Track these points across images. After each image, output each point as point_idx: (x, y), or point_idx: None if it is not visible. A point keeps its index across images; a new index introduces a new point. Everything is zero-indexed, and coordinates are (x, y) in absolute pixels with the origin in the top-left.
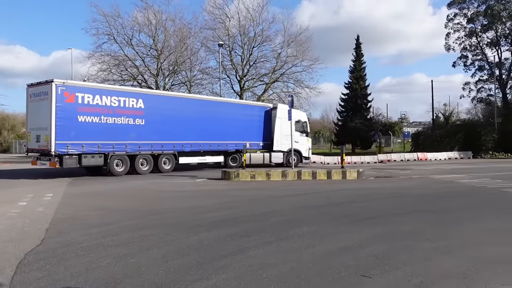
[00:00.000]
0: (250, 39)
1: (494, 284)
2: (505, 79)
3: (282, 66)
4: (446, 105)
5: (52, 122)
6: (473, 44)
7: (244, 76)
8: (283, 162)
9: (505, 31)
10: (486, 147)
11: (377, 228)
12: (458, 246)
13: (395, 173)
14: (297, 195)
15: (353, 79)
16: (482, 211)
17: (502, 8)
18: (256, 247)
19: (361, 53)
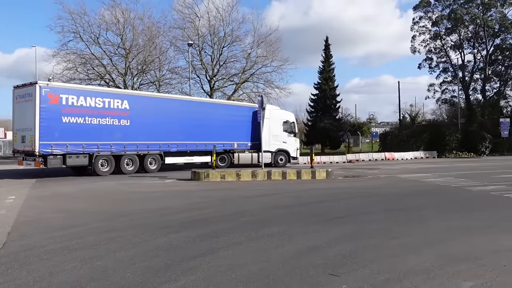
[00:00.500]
0: (220, 39)
1: (457, 280)
2: (467, 81)
3: (252, 66)
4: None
5: (36, 123)
6: (438, 47)
7: (214, 76)
8: (272, 162)
9: (468, 34)
10: (450, 147)
11: (346, 227)
12: (423, 244)
13: (363, 172)
14: (267, 195)
15: (322, 80)
16: (446, 209)
17: (465, 12)
18: (225, 247)
19: (330, 54)
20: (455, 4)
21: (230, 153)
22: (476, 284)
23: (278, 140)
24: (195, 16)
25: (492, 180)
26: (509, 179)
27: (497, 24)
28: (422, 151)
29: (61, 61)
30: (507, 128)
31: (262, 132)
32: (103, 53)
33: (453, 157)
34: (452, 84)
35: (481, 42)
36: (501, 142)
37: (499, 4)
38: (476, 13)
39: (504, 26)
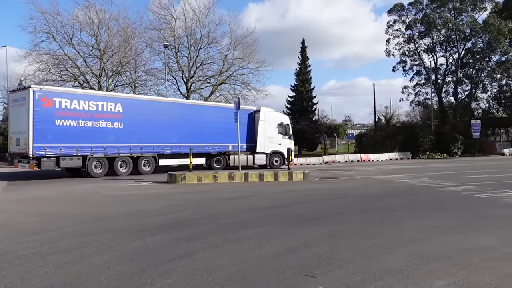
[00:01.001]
0: (196, 41)
1: (430, 279)
2: (440, 83)
3: (229, 68)
4: (387, 108)
5: (30, 126)
6: (411, 50)
7: (190, 77)
8: (267, 163)
9: (440, 38)
10: (423, 148)
11: (322, 228)
12: (398, 243)
13: (339, 174)
14: (244, 197)
15: (299, 82)
16: (420, 209)
17: (437, 17)
18: (202, 250)
19: (307, 57)
20: (428, 8)
21: (225, 155)
22: (449, 282)
23: (273, 142)
24: (171, 18)
25: (464, 180)
26: (480, 179)
27: (468, 28)
28: (397, 152)
29: (33, 62)
30: (478, 129)
31: (258, 134)
32: (77, 54)
33: (427, 158)
34: (425, 86)
35: (453, 45)
36: (472, 143)
37: (470, 9)
38: (448, 18)
39: (474, 30)
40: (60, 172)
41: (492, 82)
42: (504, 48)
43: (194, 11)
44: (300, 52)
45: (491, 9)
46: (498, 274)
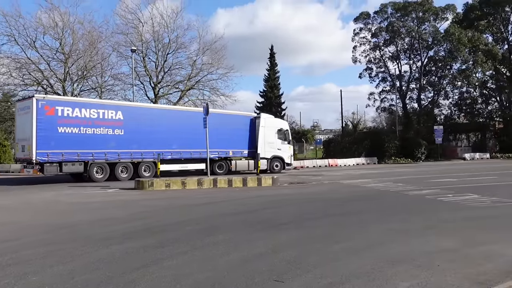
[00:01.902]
0: (164, 46)
1: (395, 281)
2: (404, 90)
3: (198, 73)
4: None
5: (33, 133)
6: (377, 57)
7: (158, 83)
8: (267, 168)
9: (404, 46)
10: (389, 153)
11: (290, 233)
12: (364, 247)
13: (307, 179)
14: (213, 203)
15: (268, 88)
16: (386, 213)
17: (401, 25)
18: (170, 257)
19: (275, 63)
20: (392, 17)
21: (227, 160)
22: (412, 284)
23: (273, 147)
24: (138, 22)
25: (427, 184)
26: (443, 183)
27: (430, 37)
28: (364, 157)
29: None
30: (441, 135)
31: (259, 140)
32: (40, 57)
33: (392, 163)
34: (391, 93)
35: (416, 53)
36: (435, 148)
37: (432, 18)
38: (411, 26)
39: (436, 39)
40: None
41: (453, 89)
42: (464, 56)
43: (162, 16)
44: (269, 58)
45: (452, 19)
46: (459, 275)
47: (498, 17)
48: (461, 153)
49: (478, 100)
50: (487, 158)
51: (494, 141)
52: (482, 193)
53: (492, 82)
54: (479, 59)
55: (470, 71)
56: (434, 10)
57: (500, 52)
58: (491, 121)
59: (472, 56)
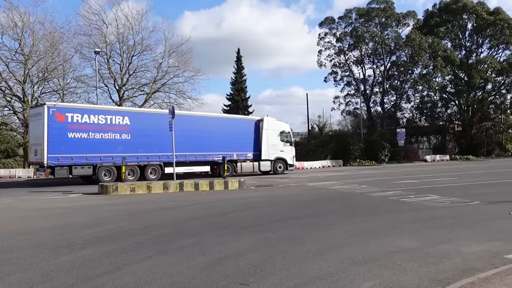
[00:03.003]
0: (129, 48)
1: (358, 281)
2: (368, 94)
3: (164, 76)
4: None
5: (45, 139)
6: (342, 62)
7: (123, 85)
8: (271, 170)
9: (368, 51)
10: (354, 156)
11: (256, 236)
12: (329, 248)
13: (274, 181)
14: (179, 207)
15: (235, 91)
16: (350, 215)
17: (365, 30)
18: (134, 263)
19: (242, 66)
20: (356, 22)
21: (233, 162)
22: (375, 283)
23: (276, 149)
24: (102, 23)
25: (390, 186)
26: (405, 184)
27: (393, 43)
28: (329, 160)
29: None
30: (403, 137)
31: (262, 142)
32: None
33: (357, 165)
34: (355, 96)
35: (379, 58)
36: (398, 151)
37: (394, 24)
38: (375, 32)
39: (398, 44)
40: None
41: (415, 93)
42: (424, 61)
43: (127, 18)
44: (236, 61)
45: (413, 25)
46: (420, 274)
47: (456, 24)
48: (422, 155)
49: (438, 103)
50: (447, 159)
51: (453, 143)
52: (442, 194)
53: (451, 87)
54: (439, 64)
55: (431, 75)
56: (396, 16)
57: (458, 57)
58: (451, 124)
59: (432, 61)
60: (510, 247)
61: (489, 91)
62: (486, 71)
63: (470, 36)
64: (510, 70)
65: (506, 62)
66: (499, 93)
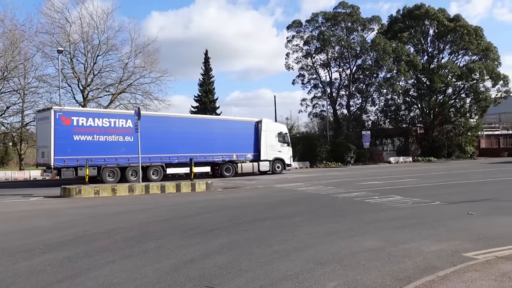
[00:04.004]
0: (94, 47)
1: (323, 281)
2: (335, 96)
3: (130, 76)
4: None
5: (52, 141)
6: (309, 64)
7: (87, 85)
8: (270, 170)
9: (335, 54)
10: (321, 157)
11: (223, 238)
12: (295, 249)
13: (242, 183)
14: (145, 209)
15: (202, 93)
16: (316, 216)
17: (331, 34)
18: (97, 268)
19: (210, 67)
20: (323, 26)
21: (234, 163)
22: (339, 283)
23: (274, 150)
24: (65, 22)
25: (356, 187)
26: (370, 186)
27: (358, 47)
28: (297, 161)
29: None
30: (368, 139)
31: (261, 143)
32: None
33: (323, 166)
34: (322, 99)
35: (345, 62)
36: (363, 152)
37: (360, 29)
38: (341, 36)
39: (364, 48)
40: None
41: (379, 96)
42: (389, 65)
43: (92, 16)
44: (203, 63)
45: (377, 30)
46: (382, 273)
47: (418, 29)
48: (386, 157)
49: (402, 106)
50: (410, 161)
51: (416, 145)
52: (405, 195)
53: (414, 90)
54: (402, 68)
55: (394, 79)
56: (361, 21)
57: (421, 62)
58: (413, 126)
59: (396, 66)
60: (468, 245)
61: (450, 95)
62: (447, 76)
63: (432, 42)
64: (469, 75)
65: (466, 67)
66: (459, 97)
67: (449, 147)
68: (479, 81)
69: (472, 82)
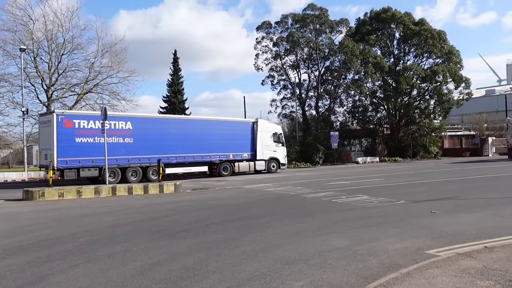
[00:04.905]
0: (58, 46)
1: (290, 281)
2: (304, 97)
3: (96, 76)
4: None
5: (54, 144)
6: (278, 66)
7: (52, 85)
8: (265, 169)
9: (304, 56)
10: (290, 158)
11: (191, 240)
12: (263, 250)
13: (211, 185)
14: (111, 212)
15: (171, 93)
16: (284, 216)
17: (300, 36)
18: (59, 272)
19: (179, 68)
20: (292, 28)
21: (231, 162)
22: (306, 283)
23: (270, 150)
24: (28, 19)
25: (324, 187)
26: (337, 186)
27: (326, 48)
28: None
29: None
30: (336, 140)
31: (257, 143)
32: None
33: (293, 167)
34: (291, 100)
35: (314, 63)
36: (331, 153)
37: (328, 31)
38: (310, 38)
39: (332, 50)
40: None
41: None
42: (356, 67)
43: (56, 14)
44: (172, 63)
45: (345, 32)
46: (348, 271)
47: (385, 32)
48: (354, 157)
49: (369, 108)
50: (377, 161)
51: (382, 145)
52: (371, 194)
53: (380, 92)
54: (369, 70)
55: (362, 81)
56: (330, 23)
57: (387, 64)
58: (380, 127)
59: (363, 68)
60: (431, 243)
61: (415, 97)
62: (412, 78)
63: (398, 45)
64: (433, 78)
65: (430, 70)
66: (423, 98)
67: (414, 148)
68: (442, 83)
69: (436, 84)
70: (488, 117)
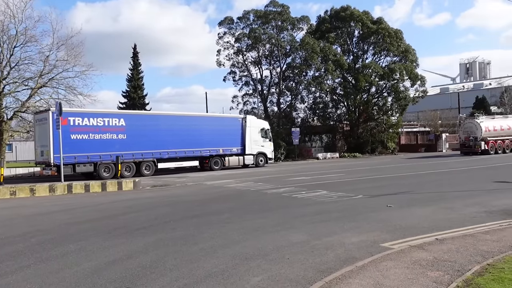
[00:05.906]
0: (10, 38)
1: (248, 277)
2: (266, 94)
3: (51, 70)
4: None
5: (50, 141)
6: (240, 62)
7: (3, 78)
8: (253, 163)
9: (265, 52)
10: None
11: (149, 238)
12: (221, 246)
13: (171, 181)
14: (66, 210)
15: (131, 88)
16: (245, 212)
17: (262, 32)
18: (8, 273)
19: (139, 62)
20: (254, 24)
21: (221, 157)
22: (263, 278)
23: (258, 145)
24: None
25: (284, 183)
26: (298, 181)
27: (288, 45)
28: None
29: None
30: (298, 136)
31: (246, 138)
32: None
33: None
34: (253, 96)
35: (276, 60)
36: (293, 149)
37: (290, 28)
38: (271, 34)
39: (293, 47)
40: None
41: (308, 94)
42: (317, 64)
43: (7, 4)
44: (132, 58)
45: (306, 29)
46: (305, 266)
47: (345, 30)
48: (315, 153)
49: (329, 104)
50: (337, 157)
51: (342, 142)
52: (330, 189)
53: (340, 89)
54: (330, 67)
55: (322, 78)
56: (291, 20)
57: (347, 62)
58: (340, 123)
59: (323, 65)
60: (386, 236)
61: (373, 94)
62: (371, 76)
63: (357, 43)
64: (390, 75)
65: (387, 68)
66: (381, 96)
67: (373, 143)
68: (399, 81)
69: (393, 82)
70: (442, 114)
